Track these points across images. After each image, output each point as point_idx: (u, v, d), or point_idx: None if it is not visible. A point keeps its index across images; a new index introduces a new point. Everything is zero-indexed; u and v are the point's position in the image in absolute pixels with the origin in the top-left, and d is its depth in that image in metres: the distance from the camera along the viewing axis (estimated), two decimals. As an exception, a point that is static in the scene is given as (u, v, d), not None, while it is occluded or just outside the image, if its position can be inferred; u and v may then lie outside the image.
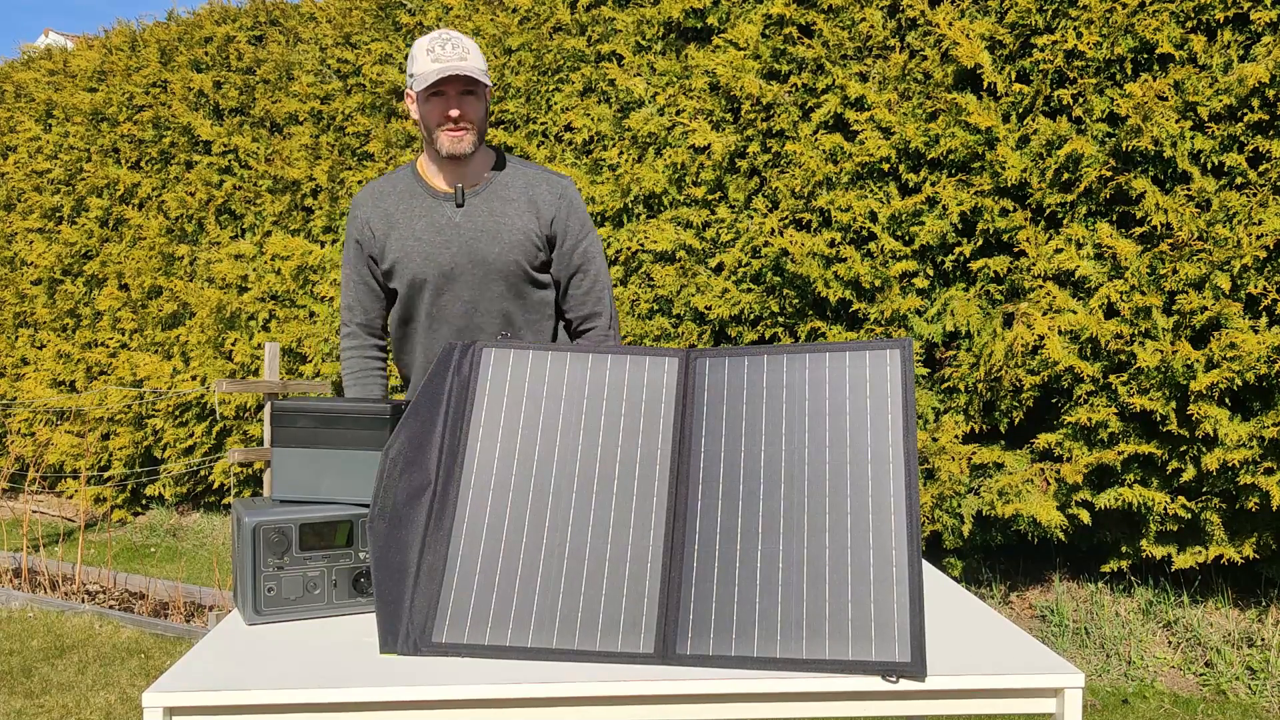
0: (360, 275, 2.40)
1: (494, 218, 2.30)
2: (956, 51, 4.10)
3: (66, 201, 7.44)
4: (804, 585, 1.39)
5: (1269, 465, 3.67)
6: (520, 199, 2.32)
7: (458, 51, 2.17)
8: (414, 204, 2.33)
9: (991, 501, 4.12)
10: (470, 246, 2.29)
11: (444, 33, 2.22)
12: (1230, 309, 3.64)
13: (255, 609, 1.56)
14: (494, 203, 2.31)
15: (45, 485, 7.78)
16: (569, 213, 2.35)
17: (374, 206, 2.35)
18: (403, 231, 2.31)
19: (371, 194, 2.38)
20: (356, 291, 2.42)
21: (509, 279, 2.31)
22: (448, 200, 2.31)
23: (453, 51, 2.17)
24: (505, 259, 2.29)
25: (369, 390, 2.44)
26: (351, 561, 1.60)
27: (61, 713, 3.61)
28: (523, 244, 2.30)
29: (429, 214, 2.31)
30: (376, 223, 2.34)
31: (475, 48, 2.23)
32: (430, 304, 2.33)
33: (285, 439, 1.68)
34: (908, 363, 1.52)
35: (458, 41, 2.19)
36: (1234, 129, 3.67)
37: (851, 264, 4.28)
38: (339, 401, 1.71)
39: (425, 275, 2.30)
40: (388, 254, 2.33)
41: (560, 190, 2.35)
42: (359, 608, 1.62)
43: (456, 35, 2.21)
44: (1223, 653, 3.82)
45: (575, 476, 1.54)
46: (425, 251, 2.30)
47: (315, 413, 1.68)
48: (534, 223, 2.31)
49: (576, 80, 5.17)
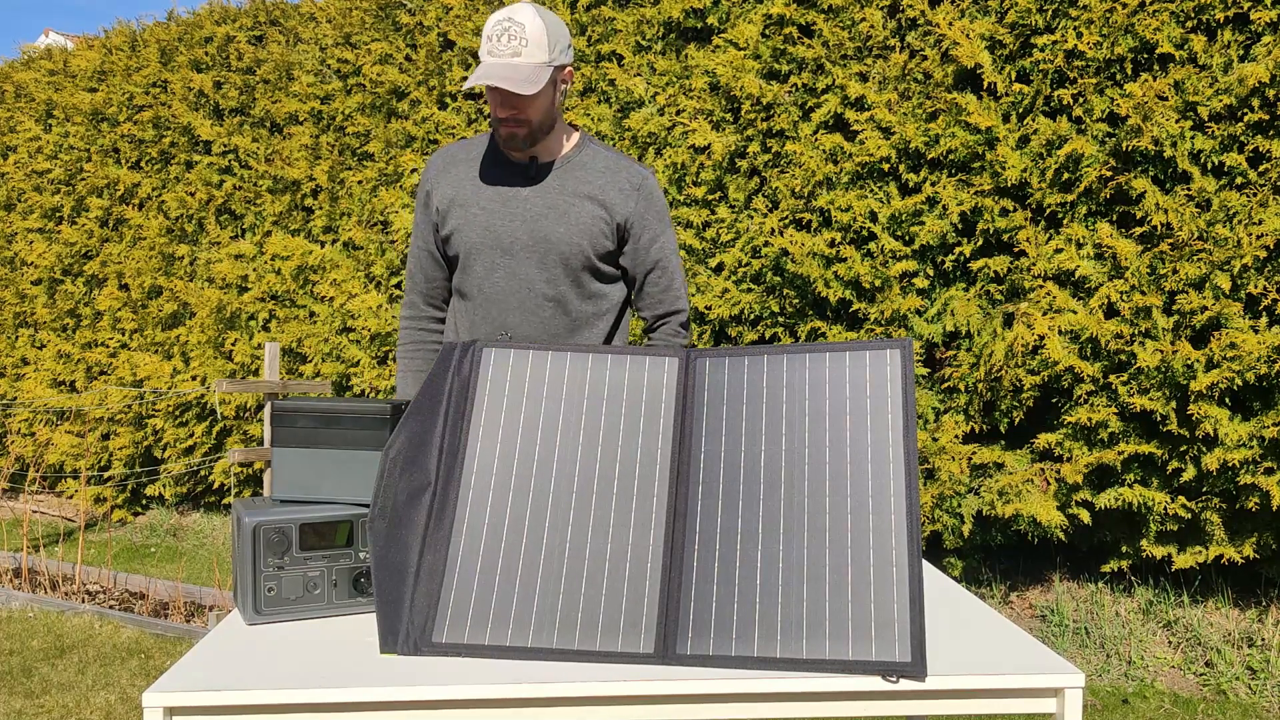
0: (425, 240, 2.28)
1: (565, 196, 2.17)
2: (956, 51, 4.10)
3: (66, 201, 7.44)
4: (804, 585, 1.39)
5: (1269, 465, 3.67)
6: (596, 183, 2.18)
7: (511, 46, 2.00)
8: (488, 171, 2.20)
9: (991, 501, 4.12)
10: (535, 223, 2.16)
11: (509, 16, 2.02)
12: (1230, 309, 3.64)
13: (255, 609, 1.56)
14: (568, 181, 2.18)
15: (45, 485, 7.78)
16: (646, 206, 2.20)
17: (444, 169, 2.24)
18: (468, 197, 2.19)
19: (446, 156, 2.26)
20: (418, 259, 2.31)
21: (569, 263, 2.16)
22: (518, 171, 2.18)
23: (506, 46, 2.00)
24: (570, 241, 2.15)
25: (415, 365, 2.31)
26: (351, 561, 1.60)
27: (61, 713, 3.61)
28: (590, 229, 2.16)
29: (496, 184, 2.18)
30: (443, 186, 2.22)
31: (540, 34, 2.02)
32: (484, 278, 2.19)
33: (285, 439, 1.68)
34: (908, 363, 1.52)
35: (516, 31, 2.00)
36: (1234, 129, 3.67)
37: (851, 264, 4.28)
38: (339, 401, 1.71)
39: (482, 246, 2.17)
40: (449, 220, 2.21)
41: (638, 181, 2.20)
42: (359, 608, 1.62)
43: (519, 21, 2.01)
44: (1223, 653, 3.82)
45: (575, 477, 1.54)
46: (486, 222, 2.17)
47: (315, 413, 1.68)
48: (605, 210, 2.18)
49: (576, 80, 5.17)
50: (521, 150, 2.13)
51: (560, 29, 2.06)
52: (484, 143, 2.24)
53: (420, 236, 2.29)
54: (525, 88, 1.98)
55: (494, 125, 2.12)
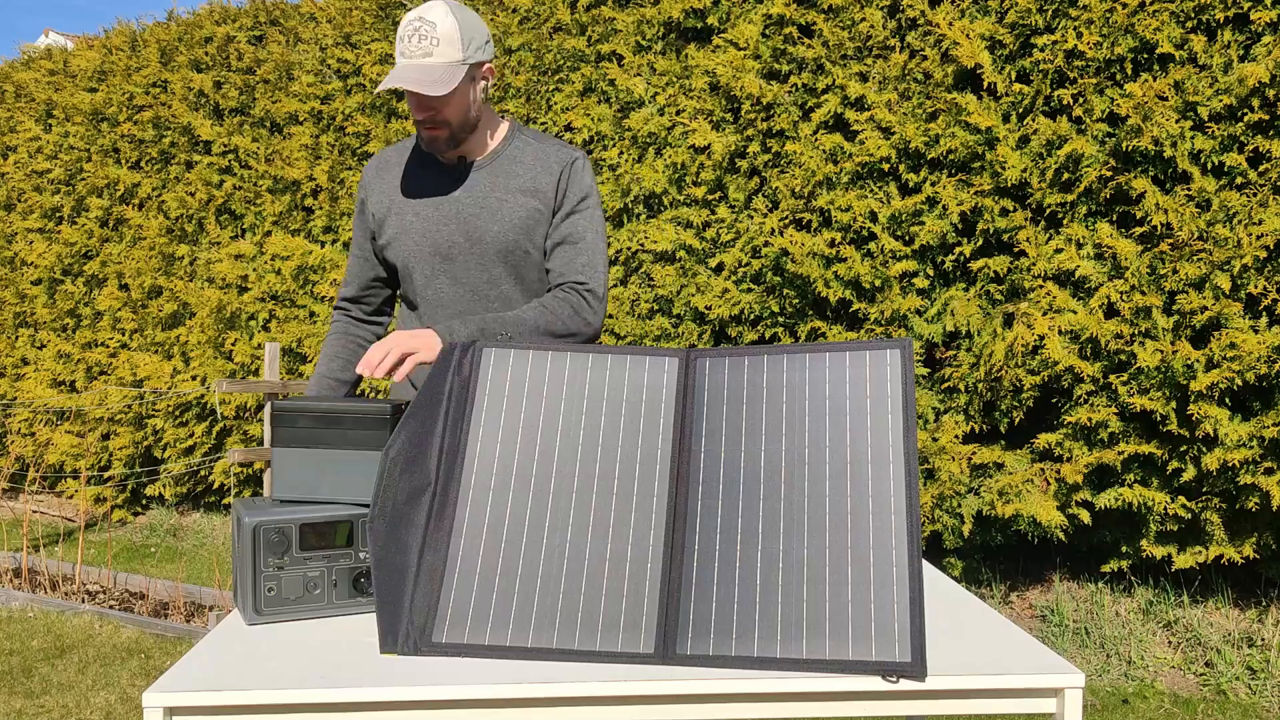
0: (362, 248, 2.23)
1: (496, 193, 2.11)
2: (956, 51, 4.10)
3: (66, 201, 7.44)
4: (804, 585, 1.39)
5: (1269, 465, 3.67)
6: (526, 174, 2.12)
7: (423, 46, 1.94)
8: (419, 175, 2.14)
9: (991, 501, 4.12)
10: (469, 224, 2.10)
11: (420, 16, 1.96)
12: (1230, 309, 3.64)
13: (255, 609, 1.56)
14: (498, 177, 2.12)
15: (45, 485, 7.78)
16: (568, 185, 2.12)
17: (377, 176, 2.19)
18: (401, 205, 2.13)
19: (379, 161, 2.21)
20: (353, 265, 2.26)
21: (510, 260, 2.11)
22: (450, 172, 2.13)
23: (417, 47, 1.94)
24: (506, 238, 2.09)
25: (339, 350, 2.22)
26: (351, 561, 1.60)
27: (61, 713, 3.61)
28: (525, 222, 2.10)
29: (433, 187, 2.13)
30: (376, 194, 2.17)
31: (452, 32, 1.95)
32: (426, 285, 2.14)
33: (285, 439, 1.68)
34: (908, 363, 1.52)
35: (427, 31, 1.94)
36: (1234, 129, 3.67)
37: (851, 264, 4.28)
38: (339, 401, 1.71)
39: (420, 255, 2.12)
40: (385, 229, 2.16)
41: (566, 162, 2.12)
42: (359, 608, 1.62)
43: (430, 20, 1.95)
44: (1223, 653, 3.82)
45: (575, 476, 1.54)
46: (421, 228, 2.11)
47: (315, 413, 1.68)
48: (538, 199, 2.11)
49: (576, 80, 5.17)
50: (447, 152, 2.07)
51: (475, 25, 1.99)
52: (411, 147, 2.20)
53: (357, 244, 2.24)
54: (437, 89, 1.92)
55: (417, 129, 2.05)
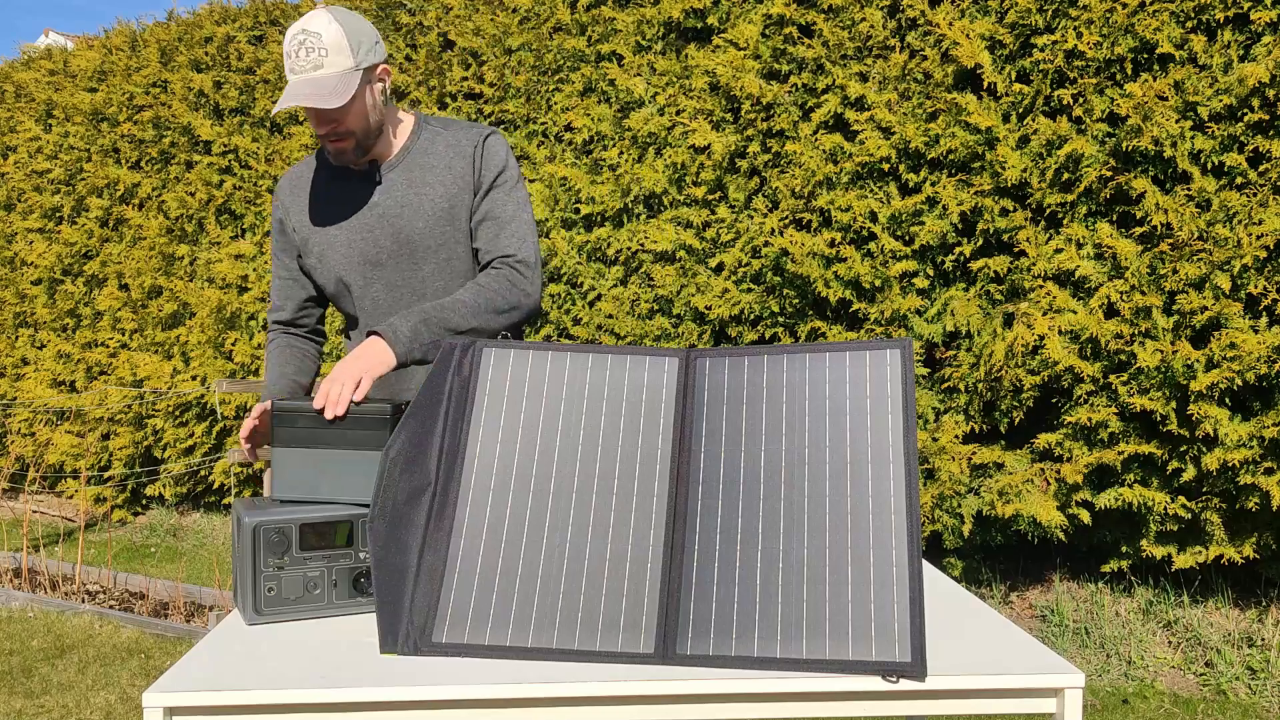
0: (287, 269, 2.17)
1: (414, 189, 2.05)
2: (956, 51, 4.10)
3: (66, 201, 7.44)
4: (804, 585, 1.39)
5: (1269, 465, 3.67)
6: (440, 164, 2.07)
7: (311, 59, 1.87)
8: (334, 187, 2.09)
9: (991, 501, 4.12)
10: (393, 225, 2.04)
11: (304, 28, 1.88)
12: (1230, 309, 3.64)
13: (255, 609, 1.56)
14: (414, 172, 2.06)
15: (45, 485, 7.78)
16: (483, 161, 2.06)
17: (293, 195, 2.12)
18: (322, 222, 2.08)
19: (292, 180, 2.14)
20: (282, 288, 2.18)
21: (441, 254, 2.06)
22: (362, 179, 2.07)
23: (306, 61, 1.87)
24: (433, 232, 2.05)
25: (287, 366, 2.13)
26: (351, 561, 1.61)
27: (61, 713, 3.61)
28: (449, 212, 2.05)
29: (350, 197, 2.07)
30: (296, 213, 2.11)
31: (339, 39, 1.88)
32: (362, 296, 2.09)
33: (285, 439, 1.69)
34: (908, 363, 1.52)
35: (313, 43, 1.87)
36: (1234, 129, 3.67)
37: (851, 264, 4.28)
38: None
39: (350, 267, 2.07)
40: (310, 248, 2.10)
41: (477, 141, 2.06)
42: (359, 608, 1.62)
43: (314, 30, 1.87)
44: (1223, 653, 3.82)
45: (575, 476, 1.54)
46: (347, 241, 2.06)
47: (316, 413, 1.68)
48: (455, 182, 2.05)
49: (576, 80, 5.17)
50: (357, 161, 2.02)
51: (362, 28, 1.93)
52: (321, 159, 2.14)
53: (283, 266, 2.17)
54: (334, 100, 1.86)
55: (322, 144, 2.00)
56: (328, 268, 2.09)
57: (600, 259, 5.11)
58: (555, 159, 5.27)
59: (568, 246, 5.13)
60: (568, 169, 5.14)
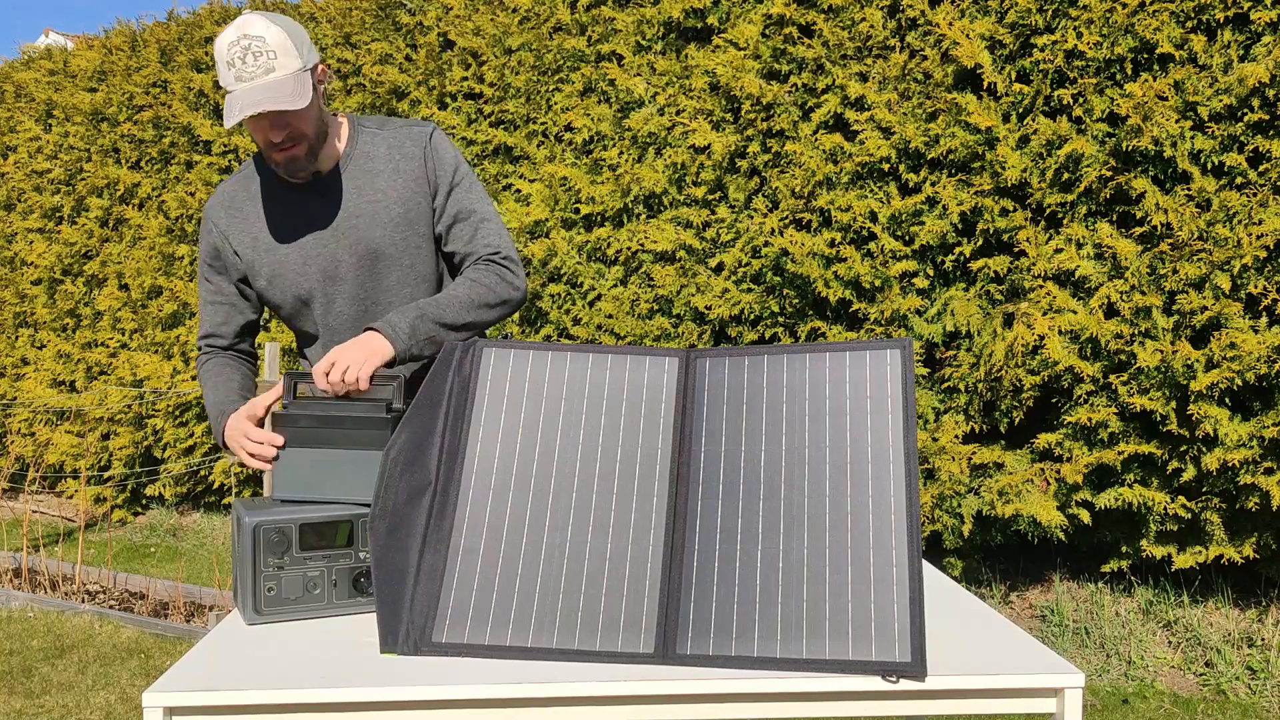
0: (223, 295, 2.05)
1: (365, 197, 1.98)
2: (956, 51, 4.10)
3: (66, 201, 7.44)
4: (804, 585, 1.39)
5: (1269, 465, 3.67)
6: (388, 168, 1.99)
7: (261, 63, 1.77)
8: (278, 203, 1.98)
9: (991, 501, 4.12)
10: (351, 237, 1.97)
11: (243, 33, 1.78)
12: (1230, 309, 3.64)
13: (255, 609, 1.56)
14: (360, 179, 1.98)
15: (45, 485, 7.78)
16: (435, 161, 2.00)
17: (231, 218, 2.00)
18: (271, 241, 1.98)
19: (225, 201, 2.01)
20: (215, 314, 2.06)
21: (402, 260, 2.00)
22: (308, 191, 1.98)
23: (255, 65, 1.77)
24: (392, 238, 1.98)
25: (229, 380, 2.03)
26: (351, 561, 1.61)
27: (61, 713, 3.61)
28: (405, 216, 1.99)
29: (292, 212, 1.98)
30: (237, 235, 1.99)
31: (283, 41, 1.80)
32: (323, 316, 2.02)
33: (287, 439, 1.69)
34: (908, 363, 1.52)
35: (258, 47, 1.78)
36: (1234, 129, 3.67)
37: (851, 264, 4.28)
38: (341, 402, 1.71)
39: (308, 284, 1.99)
40: (259, 271, 2.00)
41: (422, 142, 2.00)
42: (359, 608, 1.62)
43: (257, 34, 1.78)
44: (1223, 653, 3.82)
45: (575, 476, 1.54)
46: (302, 258, 1.97)
47: (317, 413, 1.68)
48: (406, 185, 1.99)
49: (576, 80, 5.17)
50: (308, 168, 1.92)
51: (297, 27, 1.86)
52: (255, 177, 2.02)
53: (217, 292, 2.05)
54: (297, 102, 1.78)
55: (265, 155, 1.90)
56: (282, 288, 2.00)
57: (600, 259, 5.11)
58: (555, 159, 5.27)
59: (568, 246, 5.13)
60: (568, 169, 5.14)
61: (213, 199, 2.03)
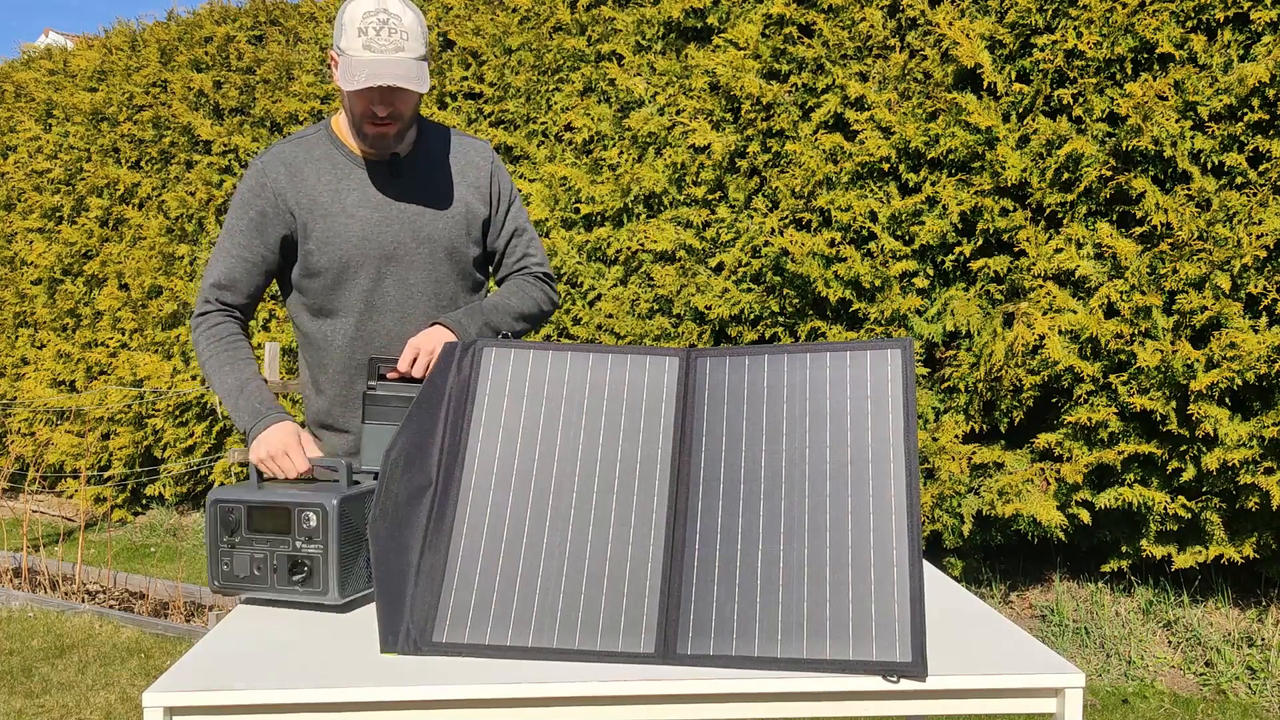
0: (255, 253, 2.01)
1: (432, 191, 2.04)
2: (956, 51, 4.10)
3: (66, 201, 7.44)
4: (804, 585, 1.39)
5: (1269, 465, 3.67)
6: (453, 166, 2.08)
7: (394, 41, 1.84)
8: (339, 174, 2.01)
9: (991, 501, 4.12)
10: (414, 222, 2.02)
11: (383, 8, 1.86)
12: (1230, 309, 3.64)
13: (216, 580, 1.65)
14: (430, 173, 2.05)
15: (45, 485, 7.77)
16: (501, 178, 2.13)
17: (290, 178, 2.00)
18: (331, 205, 2.00)
19: (284, 161, 2.01)
20: (237, 268, 2.01)
21: (454, 258, 2.07)
22: (379, 168, 2.02)
23: (388, 41, 1.83)
24: (451, 234, 2.05)
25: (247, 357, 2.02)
26: (289, 549, 1.61)
27: (61, 713, 3.61)
28: (465, 219, 2.07)
29: (361, 186, 2.01)
30: (296, 194, 2.00)
31: (416, 26, 1.88)
32: (371, 291, 2.02)
33: (376, 416, 1.84)
34: (908, 363, 1.52)
35: (395, 25, 1.84)
36: (1234, 129, 3.67)
37: (851, 264, 4.28)
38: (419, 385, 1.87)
39: (362, 258, 2.00)
40: (311, 233, 2.00)
41: (487, 154, 2.12)
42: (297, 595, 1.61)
43: (395, 13, 1.86)
44: (1223, 653, 3.82)
45: (576, 476, 1.54)
46: (361, 232, 2.00)
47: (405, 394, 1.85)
48: (469, 191, 2.08)
49: (576, 80, 5.17)
50: (390, 150, 1.99)
51: (424, 20, 1.95)
52: (321, 144, 2.04)
53: (247, 248, 2.01)
54: (422, 85, 1.85)
55: (356, 125, 1.95)
56: (332, 255, 2.00)
57: (600, 259, 5.11)
58: (555, 159, 5.27)
59: (568, 246, 5.13)
60: (568, 169, 5.14)
61: (267, 156, 2.02)
